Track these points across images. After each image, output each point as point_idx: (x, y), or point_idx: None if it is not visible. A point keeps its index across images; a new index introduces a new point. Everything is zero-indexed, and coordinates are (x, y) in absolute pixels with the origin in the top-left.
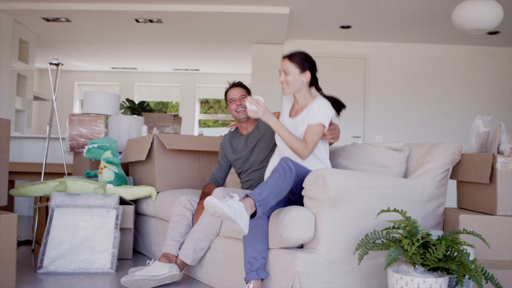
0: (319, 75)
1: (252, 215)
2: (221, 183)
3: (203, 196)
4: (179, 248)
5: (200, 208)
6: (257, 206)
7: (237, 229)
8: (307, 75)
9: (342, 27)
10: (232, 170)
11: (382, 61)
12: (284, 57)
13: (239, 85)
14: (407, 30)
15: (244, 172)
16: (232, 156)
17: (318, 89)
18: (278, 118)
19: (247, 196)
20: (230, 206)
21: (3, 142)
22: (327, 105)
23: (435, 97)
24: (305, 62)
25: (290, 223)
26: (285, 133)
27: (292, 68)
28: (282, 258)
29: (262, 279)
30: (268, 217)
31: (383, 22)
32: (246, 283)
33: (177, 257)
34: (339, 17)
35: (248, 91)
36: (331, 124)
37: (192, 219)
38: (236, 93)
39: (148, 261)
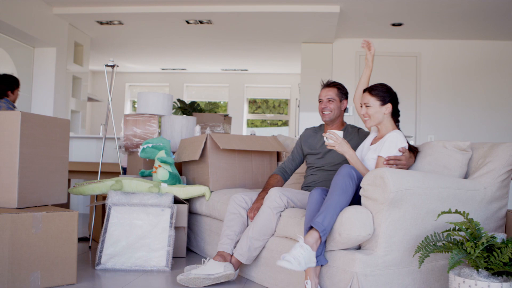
0: (371, 73)
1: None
2: (288, 174)
3: (267, 186)
4: (234, 247)
5: (256, 203)
6: (321, 236)
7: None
8: (388, 107)
9: (394, 24)
10: None
11: (434, 59)
12: (364, 91)
13: (330, 85)
14: (461, 27)
15: (313, 168)
16: (308, 150)
17: (396, 121)
18: None
19: (311, 227)
20: (300, 261)
21: (62, 142)
22: (397, 137)
23: (490, 95)
24: (385, 94)
25: (349, 220)
26: (358, 165)
27: (373, 101)
28: (340, 259)
29: (321, 266)
30: None
31: (435, 19)
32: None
33: (232, 255)
34: (391, 14)
35: (340, 90)
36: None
37: (247, 218)
38: (325, 94)
39: (203, 259)
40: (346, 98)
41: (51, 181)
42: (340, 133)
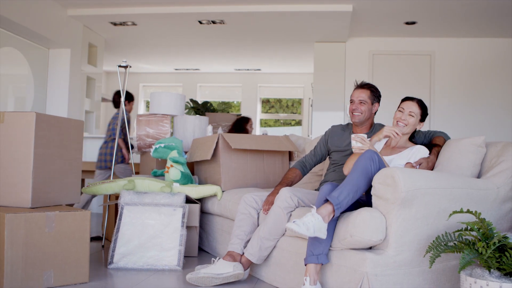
0: (384, 73)
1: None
2: (307, 169)
3: (284, 180)
4: (244, 247)
5: (272, 196)
6: (335, 210)
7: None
8: (421, 125)
9: (407, 23)
10: None
11: (448, 58)
12: (412, 99)
13: (364, 86)
14: (475, 25)
15: (338, 165)
16: (333, 147)
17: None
18: None
19: (326, 200)
20: (309, 227)
21: (76, 142)
22: (427, 152)
23: (505, 94)
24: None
25: (362, 224)
26: None
27: (417, 114)
28: (350, 258)
29: (322, 264)
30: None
31: (449, 17)
32: (305, 265)
33: (242, 255)
34: (404, 13)
35: (373, 93)
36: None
37: (258, 218)
38: (358, 95)
39: (213, 259)
40: (379, 101)
41: (64, 182)
42: (366, 137)
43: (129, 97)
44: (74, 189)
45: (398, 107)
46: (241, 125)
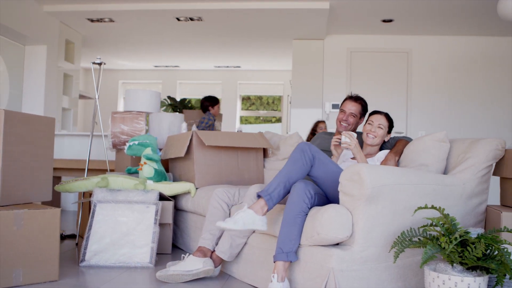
0: (361, 70)
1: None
2: None
3: None
4: (216, 243)
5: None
6: (267, 202)
7: (257, 230)
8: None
9: (384, 20)
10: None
11: (425, 55)
12: (379, 113)
13: (357, 100)
14: (451, 23)
15: None
16: (319, 145)
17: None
18: None
19: (259, 196)
20: (237, 221)
21: (47, 140)
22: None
23: (481, 91)
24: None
25: (329, 221)
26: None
27: (385, 126)
28: (317, 255)
29: (291, 261)
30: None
31: (426, 15)
32: (274, 262)
33: (212, 252)
34: (381, 10)
35: (363, 108)
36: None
37: (230, 214)
38: (350, 107)
39: (183, 255)
40: (365, 115)
41: (35, 179)
42: (354, 135)
43: (214, 101)
44: (46, 186)
45: (367, 120)
46: (315, 128)
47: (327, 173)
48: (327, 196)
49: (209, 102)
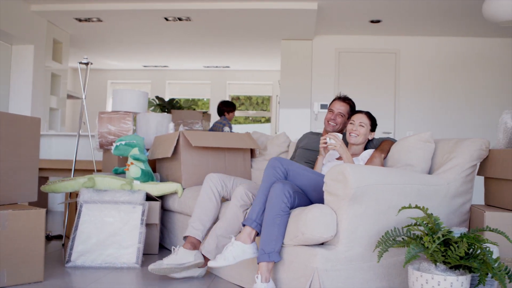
0: (350, 71)
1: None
2: None
3: None
4: (206, 234)
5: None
6: (254, 228)
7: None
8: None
9: (372, 21)
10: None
11: (413, 56)
12: (361, 112)
13: (346, 100)
14: (439, 24)
15: (306, 163)
16: (306, 145)
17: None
18: None
19: (244, 225)
20: (227, 258)
21: (33, 140)
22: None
23: (468, 92)
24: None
25: (313, 221)
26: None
27: (367, 125)
28: (301, 254)
29: (274, 262)
30: (290, 209)
31: (414, 16)
32: (258, 263)
33: (201, 242)
34: (369, 11)
35: (351, 108)
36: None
37: (221, 206)
38: (338, 107)
39: (173, 247)
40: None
41: (20, 179)
42: (340, 136)
43: (231, 107)
44: (31, 186)
45: (349, 120)
46: None
47: (304, 181)
48: (312, 202)
49: (227, 108)
